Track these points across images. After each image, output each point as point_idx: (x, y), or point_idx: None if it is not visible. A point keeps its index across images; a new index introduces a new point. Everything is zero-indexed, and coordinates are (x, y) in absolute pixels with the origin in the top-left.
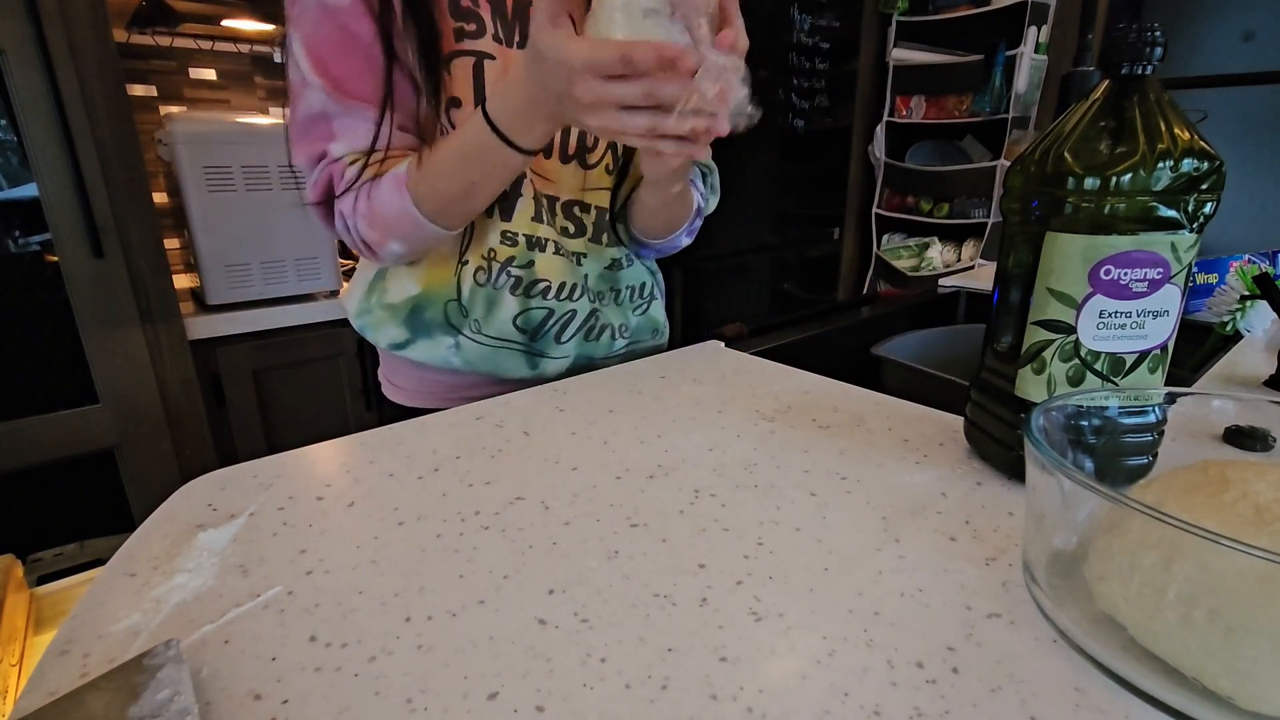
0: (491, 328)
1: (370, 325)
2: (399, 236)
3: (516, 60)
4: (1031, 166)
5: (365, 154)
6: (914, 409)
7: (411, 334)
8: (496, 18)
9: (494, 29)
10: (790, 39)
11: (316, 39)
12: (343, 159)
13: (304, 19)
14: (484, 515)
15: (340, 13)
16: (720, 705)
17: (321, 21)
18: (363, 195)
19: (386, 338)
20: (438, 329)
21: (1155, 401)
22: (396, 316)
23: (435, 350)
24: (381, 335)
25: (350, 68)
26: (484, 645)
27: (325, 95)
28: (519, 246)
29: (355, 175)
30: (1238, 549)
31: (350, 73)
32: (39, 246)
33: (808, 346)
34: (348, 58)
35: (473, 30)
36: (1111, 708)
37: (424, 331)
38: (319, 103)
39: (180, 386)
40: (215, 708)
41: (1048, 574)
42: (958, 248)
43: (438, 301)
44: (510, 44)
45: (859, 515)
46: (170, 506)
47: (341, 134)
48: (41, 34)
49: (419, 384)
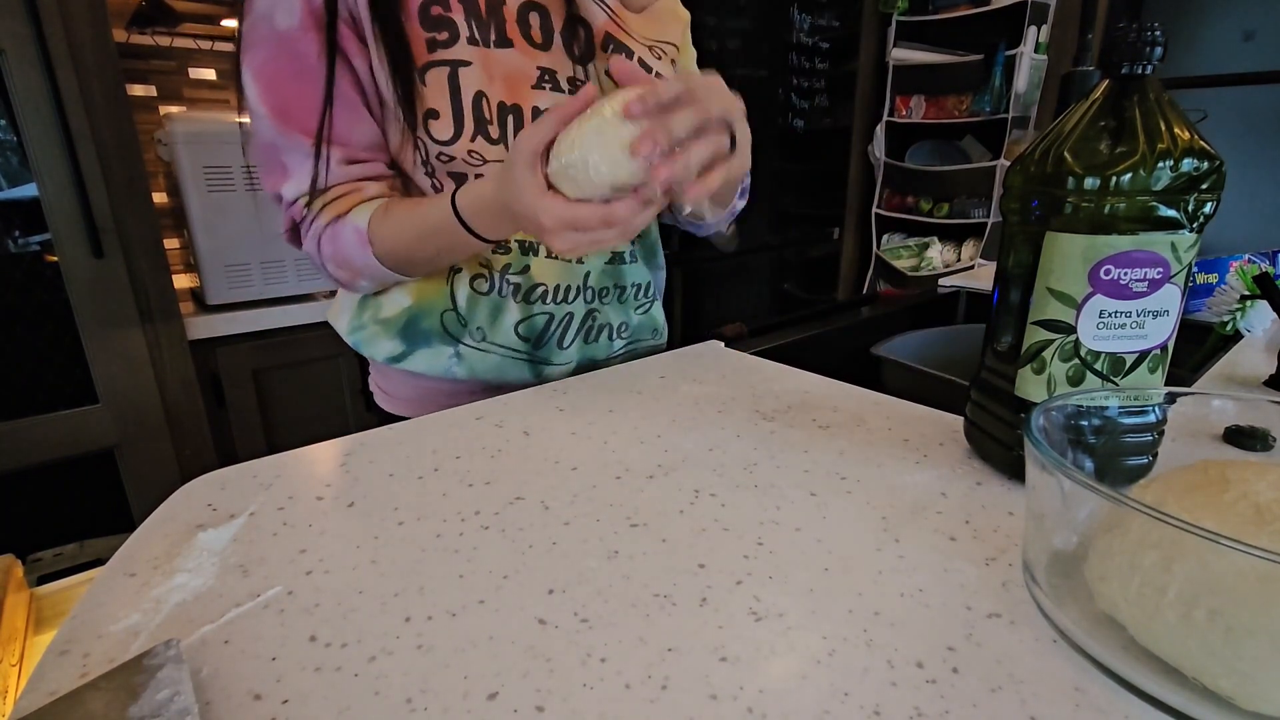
0: (496, 336)
1: (365, 341)
2: (367, 279)
3: (493, 173)
4: (1031, 166)
5: (317, 195)
6: (914, 409)
7: (408, 346)
8: (470, 19)
9: (468, 31)
10: (790, 39)
11: (266, 66)
12: (297, 201)
13: (254, 45)
14: (484, 515)
15: (289, 37)
16: (720, 705)
17: (271, 46)
18: (325, 240)
19: (383, 352)
20: (436, 339)
21: (1155, 401)
22: (391, 330)
23: (435, 361)
24: (377, 350)
25: (299, 95)
26: (484, 645)
27: (271, 125)
28: (512, 253)
29: (311, 219)
30: (1238, 549)
31: (298, 101)
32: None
33: (808, 346)
34: (298, 84)
35: (445, 39)
36: (1111, 708)
37: (422, 342)
38: (268, 134)
39: (180, 386)
40: (215, 708)
41: (1048, 574)
42: (958, 248)
43: (433, 312)
44: (487, 44)
45: (859, 515)
46: (170, 506)
47: (292, 171)
48: (41, 34)
49: (415, 392)
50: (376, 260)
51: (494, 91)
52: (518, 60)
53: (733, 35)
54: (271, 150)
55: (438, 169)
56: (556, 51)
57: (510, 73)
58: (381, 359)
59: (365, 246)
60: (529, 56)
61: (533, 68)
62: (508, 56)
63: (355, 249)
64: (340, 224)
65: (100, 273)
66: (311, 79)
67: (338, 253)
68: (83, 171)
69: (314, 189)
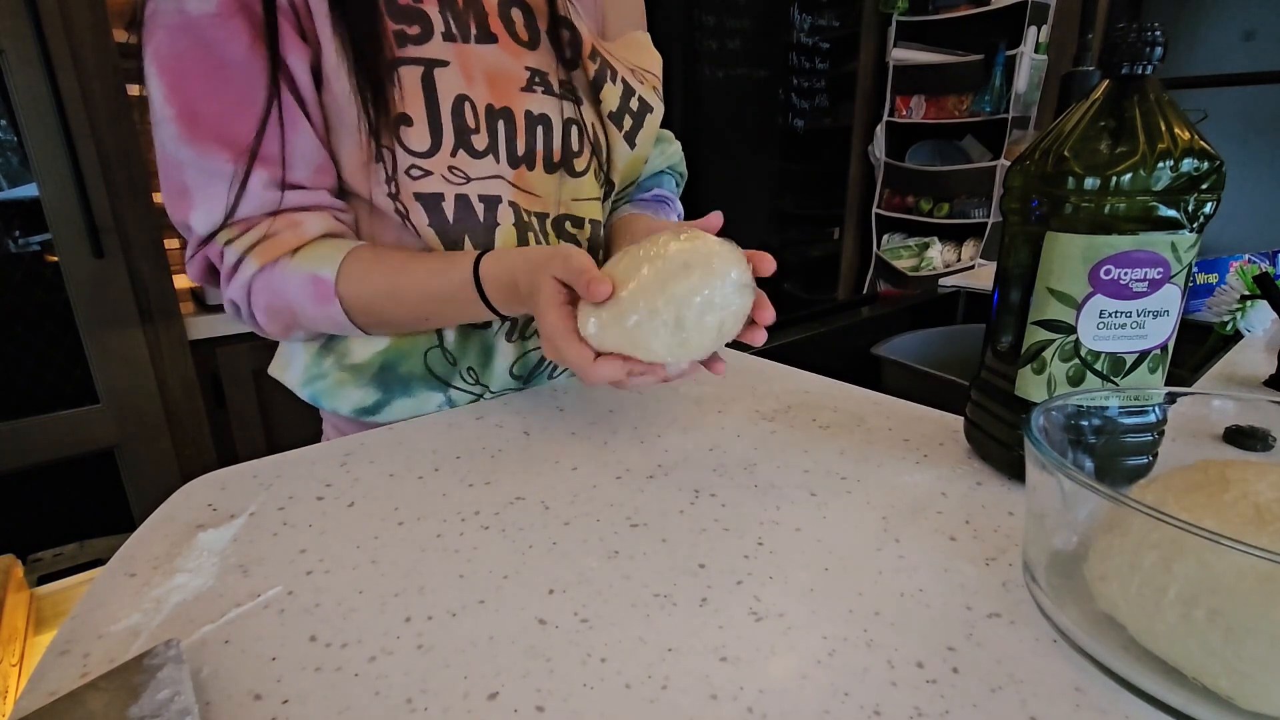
0: (488, 378)
1: (324, 392)
2: (307, 332)
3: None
4: (1031, 166)
5: (239, 230)
6: (914, 409)
7: (384, 394)
8: (445, 11)
9: (443, 25)
10: (790, 39)
11: (173, 57)
12: (213, 238)
13: (159, 28)
14: (484, 515)
15: (203, 24)
16: (720, 705)
17: (179, 35)
18: (258, 289)
19: (350, 403)
20: (420, 385)
21: (1155, 401)
22: (362, 377)
23: (421, 409)
24: (342, 401)
25: (216, 97)
26: (484, 645)
27: (176, 133)
28: None
29: (235, 261)
30: (1238, 549)
31: (215, 104)
32: (39, 246)
33: (808, 346)
34: (214, 84)
35: (416, 34)
36: (1111, 708)
37: (401, 390)
38: (171, 144)
39: (180, 386)
40: (215, 708)
41: (1048, 574)
42: (958, 248)
43: (414, 353)
44: (466, 39)
45: (859, 515)
46: (170, 506)
47: (198, 200)
48: (41, 34)
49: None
50: (346, 316)
51: (478, 94)
52: (502, 58)
53: (733, 35)
54: (174, 168)
55: (404, 187)
56: (544, 52)
57: (494, 72)
58: (349, 411)
59: (328, 301)
60: (515, 55)
61: (520, 67)
62: (490, 54)
63: (307, 301)
64: (280, 271)
65: (100, 273)
66: (232, 77)
67: (275, 303)
68: (83, 171)
69: (228, 217)
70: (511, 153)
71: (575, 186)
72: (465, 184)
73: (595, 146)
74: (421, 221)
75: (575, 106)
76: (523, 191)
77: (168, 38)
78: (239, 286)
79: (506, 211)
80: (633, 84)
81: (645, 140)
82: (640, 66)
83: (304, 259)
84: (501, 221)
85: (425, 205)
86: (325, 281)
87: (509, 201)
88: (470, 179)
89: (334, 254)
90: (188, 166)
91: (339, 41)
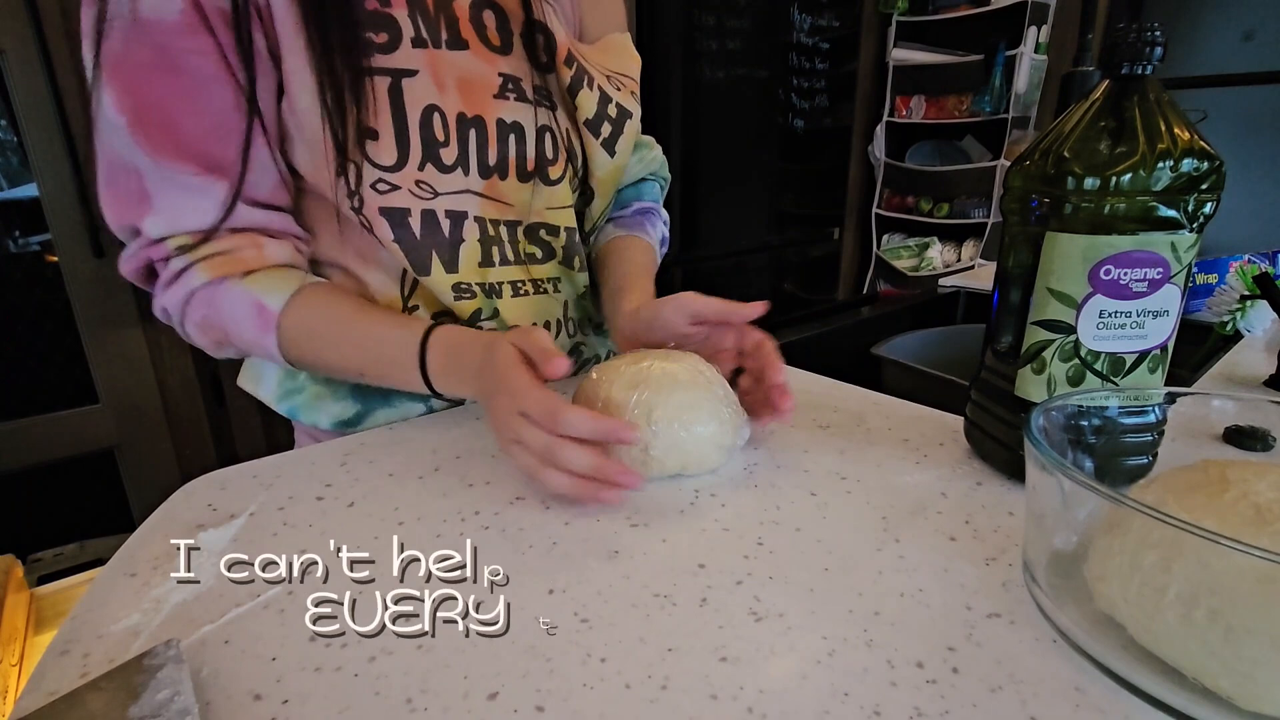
0: None
1: (302, 406)
2: (237, 352)
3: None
4: (1031, 167)
5: (196, 239)
6: (914, 409)
7: (364, 405)
8: (415, 15)
9: (413, 31)
10: (790, 39)
11: (131, 65)
12: (164, 242)
13: (114, 32)
14: (484, 515)
15: (165, 34)
16: (720, 705)
17: (133, 40)
18: (199, 300)
19: (329, 416)
20: (399, 395)
21: (1155, 401)
22: (340, 390)
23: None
24: (322, 415)
25: (178, 109)
26: (484, 645)
27: (130, 140)
28: (477, 298)
29: (181, 269)
30: (1238, 549)
31: (178, 116)
32: (39, 246)
33: (808, 346)
34: (177, 97)
35: (384, 42)
36: (1111, 708)
37: (381, 401)
38: (125, 151)
39: (180, 386)
40: (215, 708)
41: (1048, 574)
42: (958, 248)
43: None
44: (437, 44)
45: (859, 515)
46: (170, 506)
47: (159, 206)
48: (42, 34)
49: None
50: (278, 349)
51: (449, 103)
52: (474, 64)
53: (733, 35)
54: (129, 173)
55: (369, 201)
56: (517, 57)
57: (467, 78)
58: (329, 425)
59: (267, 331)
60: (487, 61)
61: (493, 74)
62: (462, 60)
63: (246, 324)
64: (227, 288)
65: (100, 273)
66: (195, 90)
67: (212, 319)
68: (83, 171)
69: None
70: (483, 162)
71: (550, 195)
72: (432, 199)
73: (570, 154)
74: (386, 236)
75: (550, 113)
76: (493, 201)
77: (123, 44)
78: (178, 294)
79: (472, 227)
80: (609, 91)
81: (625, 147)
82: (617, 71)
83: (254, 283)
84: (466, 237)
85: (390, 220)
86: (270, 312)
87: (475, 216)
88: (438, 193)
89: (285, 286)
90: (147, 173)
91: (309, 54)
